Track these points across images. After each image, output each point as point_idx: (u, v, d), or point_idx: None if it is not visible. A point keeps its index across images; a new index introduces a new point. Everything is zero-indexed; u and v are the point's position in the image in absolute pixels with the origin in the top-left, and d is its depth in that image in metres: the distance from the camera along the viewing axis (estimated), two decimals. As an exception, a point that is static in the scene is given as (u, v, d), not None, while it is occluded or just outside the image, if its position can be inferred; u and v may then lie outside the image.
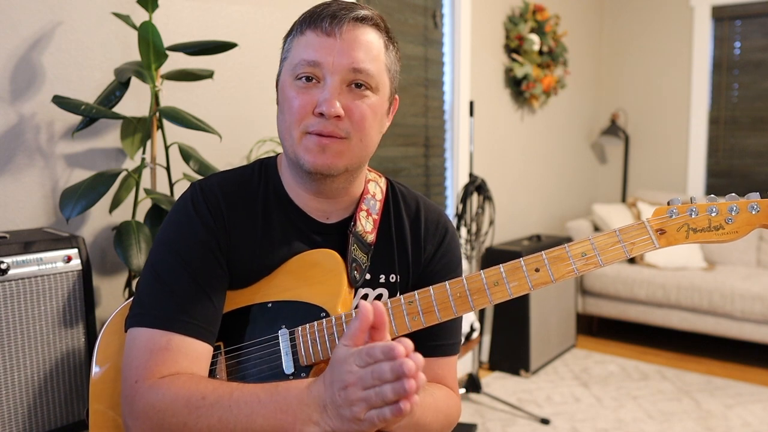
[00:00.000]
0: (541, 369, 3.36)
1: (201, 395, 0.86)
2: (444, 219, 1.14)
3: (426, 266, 1.10)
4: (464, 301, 0.93)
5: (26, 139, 1.62)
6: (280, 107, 1.01)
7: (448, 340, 1.09)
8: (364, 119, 0.96)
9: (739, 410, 2.86)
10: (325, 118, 0.94)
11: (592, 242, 0.92)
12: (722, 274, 3.55)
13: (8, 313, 1.34)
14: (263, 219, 1.04)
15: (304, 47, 0.96)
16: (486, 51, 3.44)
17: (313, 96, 0.95)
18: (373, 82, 0.97)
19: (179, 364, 0.92)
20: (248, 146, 2.15)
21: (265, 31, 2.20)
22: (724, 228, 0.89)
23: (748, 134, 4.26)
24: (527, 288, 0.92)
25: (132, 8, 1.77)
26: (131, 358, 0.93)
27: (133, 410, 0.90)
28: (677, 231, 0.91)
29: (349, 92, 0.96)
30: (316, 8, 0.98)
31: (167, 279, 0.96)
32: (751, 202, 0.89)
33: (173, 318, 0.93)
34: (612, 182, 4.76)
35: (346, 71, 0.95)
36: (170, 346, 0.92)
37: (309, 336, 0.96)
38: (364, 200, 1.08)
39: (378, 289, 1.07)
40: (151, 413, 0.88)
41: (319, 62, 0.94)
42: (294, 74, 0.97)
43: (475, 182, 2.96)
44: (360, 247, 1.04)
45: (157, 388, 0.88)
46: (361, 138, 0.98)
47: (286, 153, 1.00)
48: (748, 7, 4.16)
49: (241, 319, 1.01)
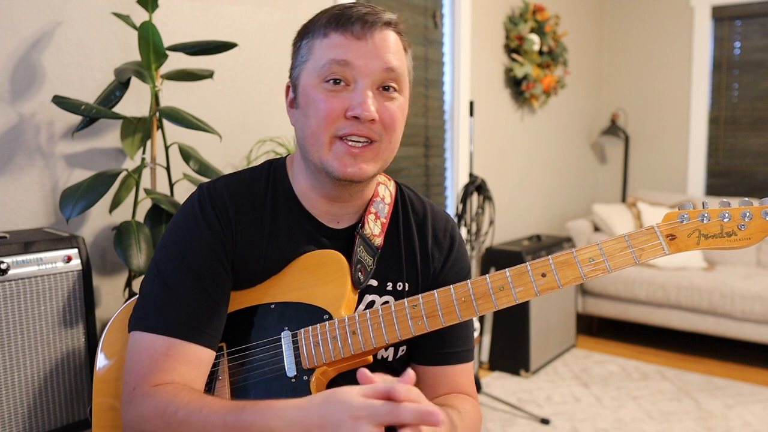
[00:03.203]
0: (541, 369, 3.36)
1: (174, 409, 0.86)
2: (451, 226, 1.13)
3: (436, 277, 1.09)
4: (469, 306, 0.92)
5: (26, 139, 1.62)
6: (303, 111, 0.98)
7: (462, 347, 1.09)
8: (394, 121, 0.96)
9: (739, 410, 2.86)
10: (358, 121, 0.93)
11: (600, 247, 0.89)
12: (722, 274, 3.54)
13: (8, 313, 1.34)
14: (271, 222, 1.03)
15: (330, 48, 0.94)
16: (486, 51, 3.44)
17: (343, 99, 0.94)
18: (401, 83, 0.97)
19: (178, 370, 0.92)
20: (248, 146, 2.15)
21: (265, 31, 2.20)
22: (737, 234, 0.86)
23: (748, 134, 4.26)
24: (533, 293, 0.90)
25: (132, 8, 1.77)
26: (132, 363, 0.93)
27: (126, 416, 0.91)
28: (688, 237, 0.88)
29: (379, 95, 0.95)
30: (340, 11, 0.96)
31: (171, 282, 0.96)
32: (765, 208, 0.86)
33: (176, 323, 0.93)
34: (612, 182, 4.76)
35: (379, 72, 0.94)
36: (171, 352, 0.92)
37: (312, 339, 0.96)
38: (374, 203, 1.07)
39: (385, 297, 1.06)
40: (137, 422, 0.90)
41: (350, 62, 0.93)
42: (321, 76, 0.94)
43: (475, 182, 2.96)
44: (366, 249, 1.03)
45: (148, 397, 0.89)
46: (390, 140, 0.98)
47: (308, 157, 0.98)
48: (748, 7, 4.16)
49: (244, 319, 1.00)
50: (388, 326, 0.94)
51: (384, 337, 0.94)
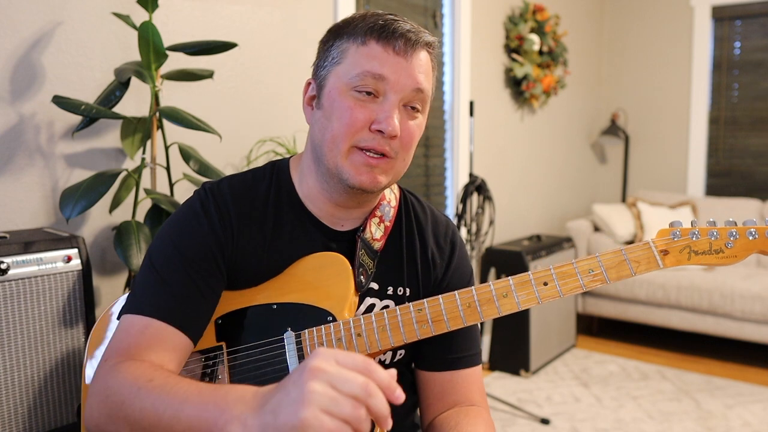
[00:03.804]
0: (541, 369, 3.36)
1: (149, 377, 0.83)
2: (452, 231, 1.14)
3: (439, 284, 1.09)
4: (473, 311, 0.94)
5: (26, 139, 1.62)
6: (326, 113, 0.96)
7: (469, 351, 1.08)
8: (412, 139, 0.97)
9: (739, 410, 2.86)
10: (381, 135, 0.93)
11: (599, 260, 0.94)
12: (722, 274, 3.54)
13: (8, 313, 1.34)
14: (273, 223, 1.03)
15: (368, 58, 0.93)
16: (486, 51, 3.44)
17: (370, 111, 0.93)
18: (424, 105, 0.99)
19: (152, 348, 0.90)
20: (248, 146, 2.15)
21: (265, 31, 2.20)
22: (724, 252, 0.93)
23: (748, 134, 4.26)
24: (536, 301, 0.93)
25: (132, 8, 1.77)
26: (111, 341, 0.93)
27: (92, 385, 0.88)
28: (680, 252, 0.93)
29: (403, 112, 0.96)
30: (384, 22, 0.95)
31: (161, 269, 0.96)
32: (750, 228, 0.93)
33: (158, 306, 0.93)
34: (612, 182, 4.76)
35: (409, 91, 0.94)
36: (147, 331, 0.91)
37: (316, 339, 0.96)
38: (380, 207, 1.07)
39: (385, 301, 1.06)
40: (102, 389, 0.86)
41: (386, 77, 0.93)
42: (353, 84, 0.94)
43: (475, 182, 2.96)
44: (367, 253, 1.04)
45: (117, 367, 0.87)
46: (405, 158, 0.99)
47: (323, 160, 0.97)
48: (748, 7, 4.16)
49: (244, 319, 1.00)
50: (393, 329, 0.95)
51: (389, 339, 0.95)
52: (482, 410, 1.06)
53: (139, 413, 0.80)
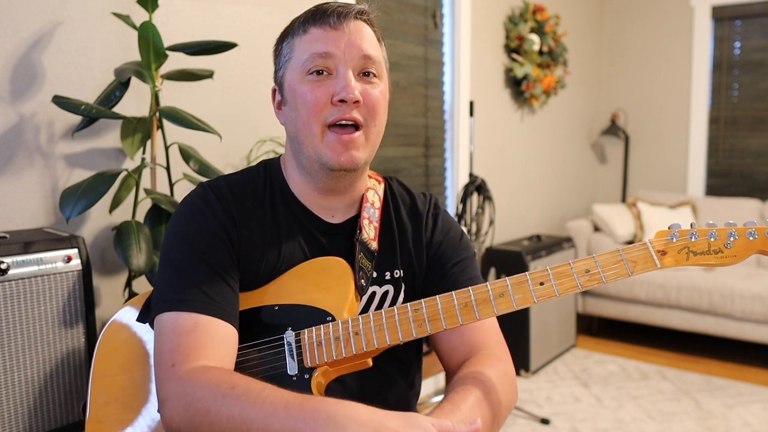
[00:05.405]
0: (541, 369, 3.36)
1: (231, 384, 0.85)
2: (433, 201, 1.18)
3: (428, 248, 1.13)
4: (470, 311, 0.95)
5: (26, 139, 1.62)
6: (292, 105, 1.02)
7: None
8: (377, 104, 1.01)
9: (739, 410, 2.86)
10: (344, 104, 0.97)
11: (596, 260, 0.94)
12: (722, 274, 3.54)
13: (8, 313, 1.34)
14: (271, 218, 1.06)
15: (311, 43, 1.00)
16: (486, 51, 3.44)
17: (327, 87, 0.99)
18: (379, 70, 1.03)
19: (208, 345, 0.92)
20: (248, 146, 2.15)
21: (265, 31, 2.20)
22: (723, 252, 0.93)
23: (748, 134, 4.26)
24: (532, 301, 0.94)
25: (132, 8, 1.77)
26: (162, 343, 0.94)
27: (168, 392, 0.90)
28: (678, 253, 0.94)
29: (360, 80, 1.00)
30: (315, 8, 1.02)
31: (184, 268, 0.97)
32: (749, 229, 0.93)
33: (195, 301, 0.94)
34: (612, 182, 4.76)
35: (358, 59, 0.99)
36: (197, 327, 0.93)
37: (315, 338, 0.97)
38: (365, 208, 1.10)
39: (384, 287, 1.09)
40: (182, 395, 0.88)
41: (331, 53, 0.98)
42: (304, 70, 1.00)
43: (475, 182, 2.96)
44: (366, 255, 1.06)
45: (194, 373, 0.88)
46: (376, 124, 1.02)
47: (304, 151, 1.02)
48: (748, 7, 4.16)
49: (248, 321, 1.01)
50: (390, 329, 0.96)
51: (386, 338, 0.96)
52: (492, 356, 1.05)
53: (227, 422, 0.82)
